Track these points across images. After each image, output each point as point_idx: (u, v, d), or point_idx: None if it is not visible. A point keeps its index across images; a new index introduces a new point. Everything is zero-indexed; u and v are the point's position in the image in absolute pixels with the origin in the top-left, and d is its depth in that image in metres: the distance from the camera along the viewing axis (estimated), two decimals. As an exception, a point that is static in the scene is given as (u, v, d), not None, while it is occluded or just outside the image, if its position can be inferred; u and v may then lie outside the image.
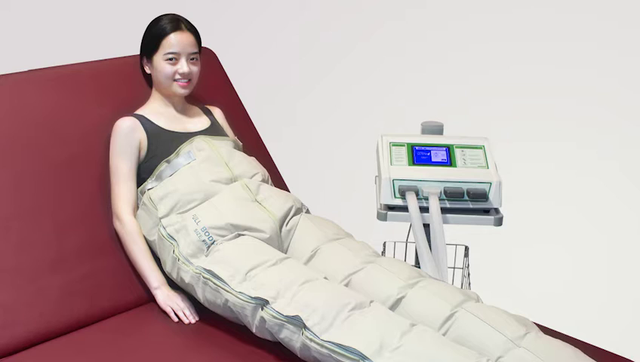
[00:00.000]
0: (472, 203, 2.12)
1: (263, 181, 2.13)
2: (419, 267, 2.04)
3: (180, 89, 2.13)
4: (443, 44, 3.54)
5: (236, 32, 3.64)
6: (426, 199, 2.10)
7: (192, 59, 2.13)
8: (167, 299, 1.96)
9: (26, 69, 2.11)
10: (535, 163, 3.34)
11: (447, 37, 3.54)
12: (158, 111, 2.15)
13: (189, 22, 2.15)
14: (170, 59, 2.09)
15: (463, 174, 2.15)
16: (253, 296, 1.76)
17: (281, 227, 2.01)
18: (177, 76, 2.11)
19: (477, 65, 3.50)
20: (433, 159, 2.20)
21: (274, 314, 1.72)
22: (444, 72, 3.52)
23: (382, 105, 3.59)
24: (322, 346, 1.64)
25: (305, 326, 1.67)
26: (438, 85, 3.50)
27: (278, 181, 2.44)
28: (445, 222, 2.09)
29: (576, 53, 3.39)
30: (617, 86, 3.33)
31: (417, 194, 2.10)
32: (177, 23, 2.11)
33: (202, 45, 2.19)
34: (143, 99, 2.19)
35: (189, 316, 1.93)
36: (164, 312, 1.95)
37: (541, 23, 3.43)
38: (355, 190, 3.04)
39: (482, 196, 2.11)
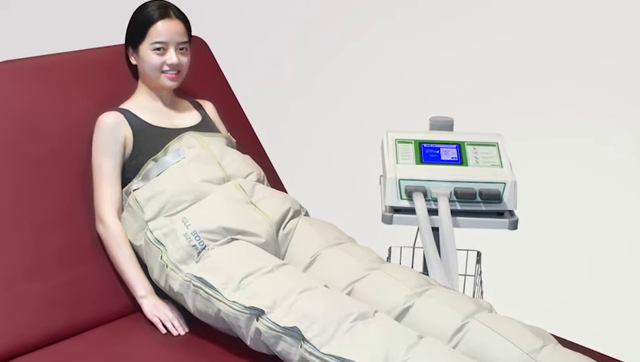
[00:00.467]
0: (484, 205, 2.12)
1: (259, 181, 2.13)
2: (427, 274, 2.04)
3: (168, 81, 2.12)
4: (453, 36, 3.54)
5: (229, 19, 3.64)
6: (435, 201, 2.10)
7: (182, 49, 2.12)
8: (155, 308, 1.96)
9: (1, 60, 2.10)
10: (551, 161, 3.34)
11: (457, 29, 3.54)
12: (145, 105, 2.15)
13: (178, 9, 2.15)
14: (158, 49, 2.09)
15: (475, 174, 2.15)
16: (247, 305, 1.76)
17: (277, 231, 2.01)
18: (165, 67, 2.10)
19: (489, 58, 3.50)
20: (443, 157, 2.20)
21: (270, 326, 1.72)
22: (454, 64, 3.52)
23: (387, 99, 3.58)
24: (322, 360, 1.64)
25: (304, 339, 1.67)
26: (447, 78, 3.50)
27: (274, 181, 2.44)
28: (456, 225, 2.09)
29: (591, 45, 3.38)
30: (635, 78, 3.33)
31: (425, 196, 2.10)
32: (165, 9, 2.11)
33: (192, 34, 2.19)
34: (128, 93, 2.19)
35: (177, 327, 1.93)
36: (151, 323, 1.95)
37: (560, 14, 3.43)
38: (358, 191, 3.03)
39: (496, 197, 2.10)
